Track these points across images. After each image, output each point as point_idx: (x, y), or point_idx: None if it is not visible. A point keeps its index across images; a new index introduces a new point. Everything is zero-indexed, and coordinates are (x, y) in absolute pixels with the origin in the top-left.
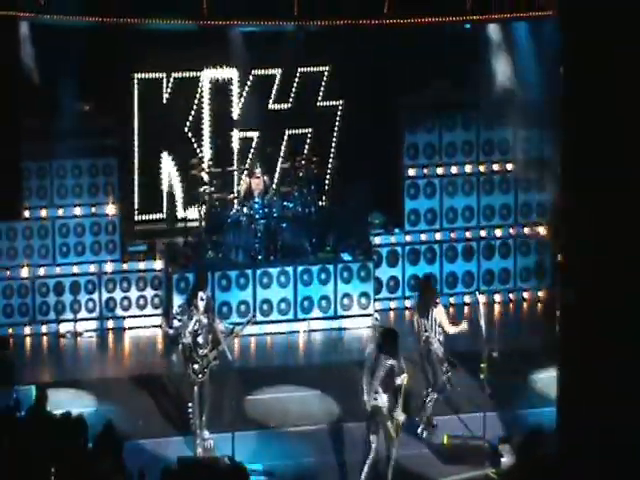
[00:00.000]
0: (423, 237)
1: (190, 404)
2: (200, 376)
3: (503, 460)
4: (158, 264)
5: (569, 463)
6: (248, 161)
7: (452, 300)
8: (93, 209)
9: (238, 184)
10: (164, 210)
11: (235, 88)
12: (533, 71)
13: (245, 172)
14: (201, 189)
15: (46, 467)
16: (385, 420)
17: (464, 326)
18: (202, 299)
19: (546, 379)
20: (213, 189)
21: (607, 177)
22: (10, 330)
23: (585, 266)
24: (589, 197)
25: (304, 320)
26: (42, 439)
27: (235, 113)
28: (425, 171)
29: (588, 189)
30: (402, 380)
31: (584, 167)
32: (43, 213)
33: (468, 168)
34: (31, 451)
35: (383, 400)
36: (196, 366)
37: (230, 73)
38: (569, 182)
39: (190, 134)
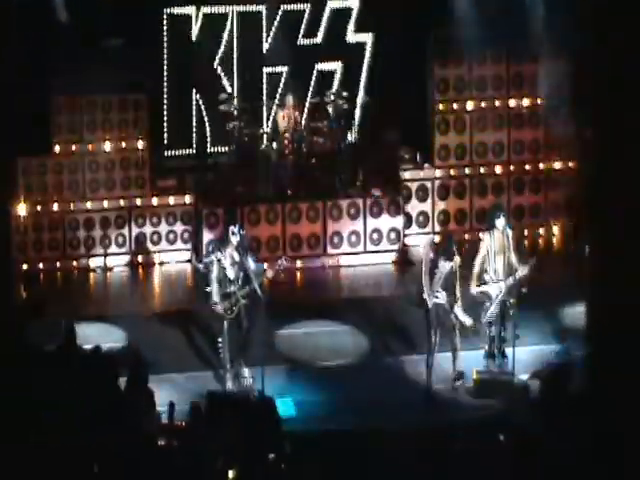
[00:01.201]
0: (453, 172)
1: (220, 339)
2: (229, 312)
3: (532, 396)
4: (187, 199)
5: (598, 397)
6: (278, 95)
7: (481, 235)
8: (123, 144)
9: (267, 119)
10: (194, 146)
11: (264, 23)
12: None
13: (275, 106)
14: (230, 124)
15: (77, 401)
16: (447, 315)
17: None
18: (233, 233)
19: (575, 314)
20: (242, 124)
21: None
22: (41, 265)
23: (615, 205)
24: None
25: (334, 255)
26: (72, 373)
27: (264, 48)
28: (455, 106)
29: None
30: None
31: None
32: (73, 148)
33: (498, 102)
34: (61, 385)
35: (444, 297)
36: (225, 302)
37: (259, 8)
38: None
39: (219, 69)
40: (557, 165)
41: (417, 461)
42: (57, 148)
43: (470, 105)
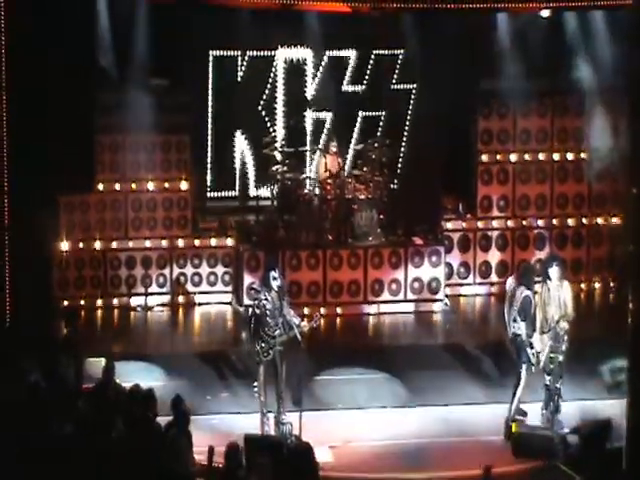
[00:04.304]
0: (495, 224)
1: (256, 383)
2: (265, 355)
3: (571, 451)
4: (229, 241)
5: (638, 456)
6: (321, 141)
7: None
8: (166, 184)
9: (310, 164)
10: (236, 188)
11: (309, 69)
12: (609, 60)
13: (318, 152)
14: (273, 168)
15: (115, 437)
16: (524, 346)
17: None
18: (274, 278)
19: (616, 369)
20: (285, 168)
21: None
22: (82, 302)
23: None
24: None
25: (374, 303)
26: (110, 411)
27: (309, 93)
28: (499, 157)
29: None
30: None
31: None
32: (116, 187)
33: (542, 156)
34: (100, 424)
35: (521, 328)
36: (263, 344)
37: (305, 53)
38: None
39: (264, 113)
40: (600, 220)
41: None
42: (100, 186)
43: (514, 157)
